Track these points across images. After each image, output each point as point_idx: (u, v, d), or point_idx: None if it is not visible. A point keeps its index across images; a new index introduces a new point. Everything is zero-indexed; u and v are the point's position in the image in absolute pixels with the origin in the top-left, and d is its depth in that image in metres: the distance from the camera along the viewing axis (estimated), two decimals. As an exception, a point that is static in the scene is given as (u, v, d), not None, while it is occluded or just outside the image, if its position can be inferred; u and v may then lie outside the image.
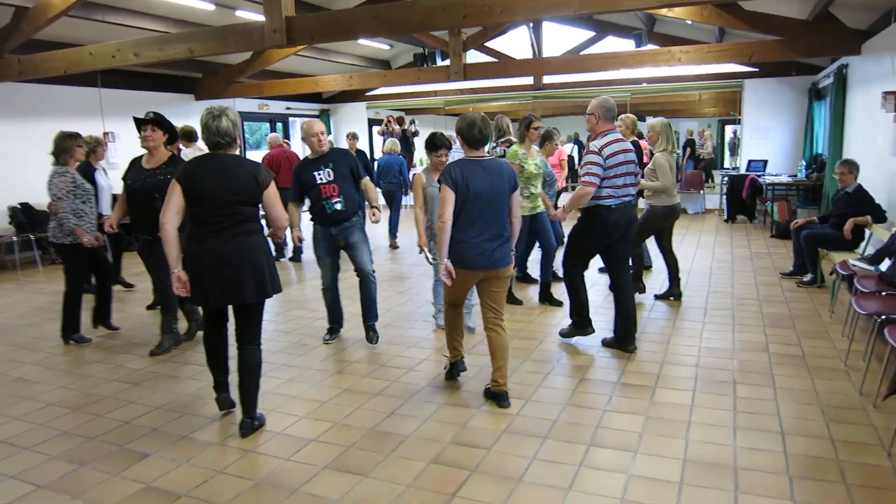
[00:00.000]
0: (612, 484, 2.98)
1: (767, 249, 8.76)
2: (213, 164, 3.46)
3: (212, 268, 3.40)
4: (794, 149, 12.04)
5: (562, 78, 12.81)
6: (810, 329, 5.19)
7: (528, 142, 5.98)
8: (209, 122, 3.44)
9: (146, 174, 4.84)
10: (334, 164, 4.86)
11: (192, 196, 3.41)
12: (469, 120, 3.80)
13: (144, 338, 5.46)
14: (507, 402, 3.87)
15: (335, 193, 4.83)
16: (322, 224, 4.94)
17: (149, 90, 11.33)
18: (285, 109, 14.65)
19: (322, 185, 4.82)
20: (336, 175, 4.84)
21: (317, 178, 4.83)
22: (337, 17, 5.94)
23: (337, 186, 4.84)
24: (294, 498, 2.96)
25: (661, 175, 5.78)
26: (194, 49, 6.47)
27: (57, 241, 5.25)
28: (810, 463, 3.12)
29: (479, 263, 3.77)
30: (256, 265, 3.46)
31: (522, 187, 5.76)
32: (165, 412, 3.98)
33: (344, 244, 5.00)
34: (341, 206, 4.85)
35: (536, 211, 6.02)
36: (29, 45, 7.89)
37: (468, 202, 3.71)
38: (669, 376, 4.28)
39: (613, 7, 4.98)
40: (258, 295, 3.50)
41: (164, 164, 4.88)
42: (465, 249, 3.74)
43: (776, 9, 8.43)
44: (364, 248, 5.05)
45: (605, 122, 4.63)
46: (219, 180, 3.40)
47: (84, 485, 3.16)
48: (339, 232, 4.94)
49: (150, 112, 4.88)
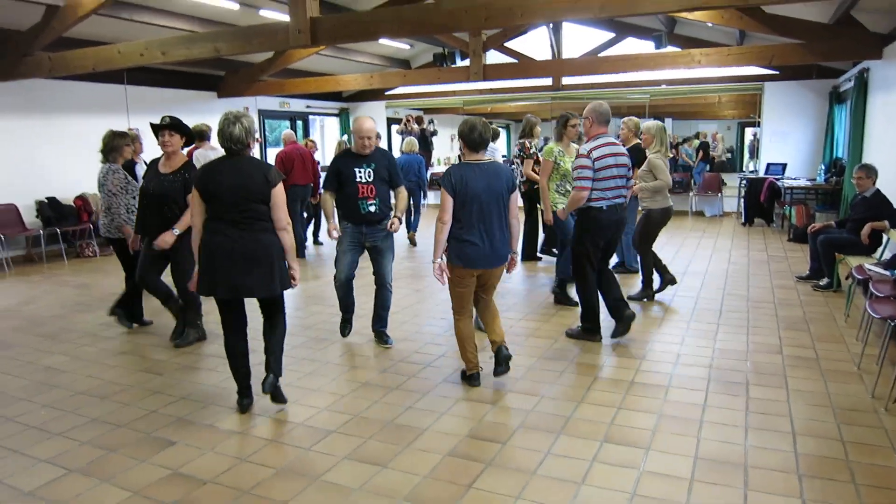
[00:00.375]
0: (624, 479, 3.06)
1: (784, 253, 8.76)
2: (227, 166, 3.67)
3: (223, 261, 3.60)
4: (814, 152, 11.99)
5: (580, 79, 12.86)
6: (825, 332, 5.22)
7: (565, 139, 6.13)
8: (225, 127, 3.64)
9: (161, 178, 4.89)
10: (376, 164, 4.77)
11: (208, 195, 3.63)
12: (470, 124, 4.02)
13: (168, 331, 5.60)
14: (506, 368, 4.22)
15: (371, 195, 4.76)
16: (353, 222, 4.84)
17: (172, 87, 11.51)
18: (305, 108, 14.81)
19: (360, 183, 4.73)
20: (375, 176, 4.76)
21: (357, 175, 4.73)
22: (360, 18, 6.05)
23: (374, 188, 4.76)
24: (315, 486, 3.07)
25: (661, 174, 5.91)
26: (220, 48, 6.61)
27: (111, 236, 5.53)
28: (820, 463, 3.18)
29: (479, 262, 4.01)
30: (265, 263, 3.64)
31: (558, 184, 6.08)
32: (190, 402, 4.10)
33: (370, 246, 4.92)
34: (375, 209, 4.78)
35: None
36: (57, 43, 8.07)
37: (468, 203, 3.93)
38: (683, 376, 4.34)
39: (633, 11, 5.03)
40: (265, 291, 3.69)
41: (180, 168, 4.91)
42: (467, 248, 3.97)
43: (797, 12, 8.42)
44: (389, 256, 4.99)
45: (599, 125, 4.85)
46: (232, 180, 3.60)
47: (113, 470, 3.29)
48: (369, 232, 4.85)
49: (166, 116, 4.90)
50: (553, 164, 6.01)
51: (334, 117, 15.91)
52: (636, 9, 4.98)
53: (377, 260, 4.97)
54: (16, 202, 9.08)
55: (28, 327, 5.90)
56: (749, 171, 13.29)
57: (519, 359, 4.72)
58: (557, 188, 6.10)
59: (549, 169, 6.04)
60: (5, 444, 3.59)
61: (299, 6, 5.93)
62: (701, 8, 5.09)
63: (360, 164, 4.75)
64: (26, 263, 9.15)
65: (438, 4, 5.61)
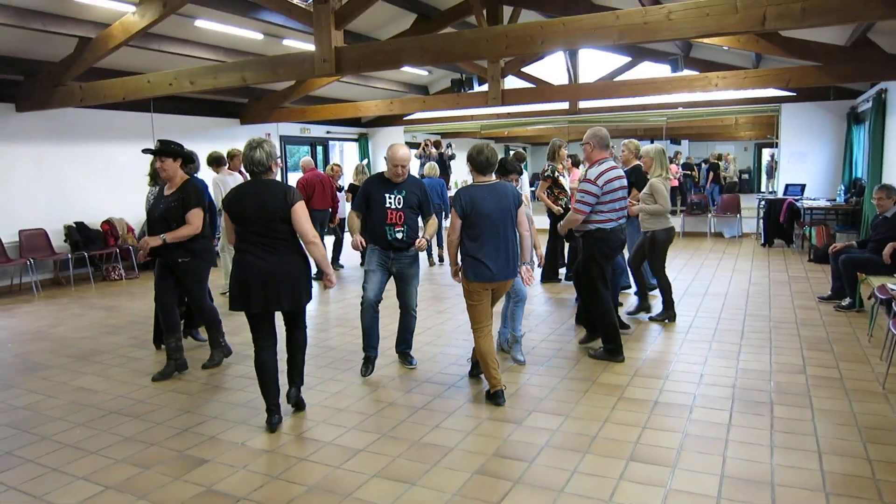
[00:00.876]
0: (651, 497, 3.09)
1: (805, 273, 8.74)
2: (251, 189, 3.96)
3: (254, 279, 3.86)
4: (833, 173, 11.98)
5: (597, 102, 12.98)
6: (848, 352, 5.22)
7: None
8: (247, 152, 3.94)
9: (163, 200, 4.94)
10: (407, 192, 4.75)
11: (235, 217, 3.93)
12: (478, 148, 4.31)
13: (197, 351, 5.70)
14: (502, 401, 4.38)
15: (399, 222, 4.72)
16: (379, 245, 4.81)
17: (197, 115, 11.79)
18: (325, 133, 15.06)
19: (389, 209, 4.70)
20: (405, 203, 4.73)
21: (386, 201, 4.71)
22: (384, 48, 6.20)
23: (403, 215, 4.72)
24: (347, 503, 3.13)
25: (661, 199, 6.04)
26: (247, 77, 6.79)
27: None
28: (847, 481, 3.19)
29: (495, 276, 4.27)
30: (292, 279, 3.92)
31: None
32: (220, 421, 4.19)
33: (396, 272, 4.89)
34: (402, 236, 4.74)
35: None
36: (88, 73, 8.34)
37: (479, 222, 4.23)
38: (706, 396, 4.36)
39: (651, 38, 5.12)
40: (292, 304, 3.99)
41: (177, 190, 4.91)
42: (481, 266, 4.24)
43: (814, 35, 8.49)
44: (414, 283, 4.97)
45: (600, 150, 5.06)
46: (255, 202, 3.88)
47: (149, 486, 3.37)
48: (396, 258, 4.83)
49: (158, 141, 4.95)
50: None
51: (353, 142, 16.14)
52: (654, 36, 5.07)
53: (402, 288, 4.96)
54: (45, 227, 9.32)
55: (59, 349, 6.03)
56: (769, 192, 13.29)
57: (543, 379, 4.79)
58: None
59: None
60: (43, 461, 3.69)
61: (324, 36, 6.10)
62: (718, 34, 5.17)
63: (392, 190, 4.73)
64: (54, 286, 9.35)
65: (460, 33, 5.75)
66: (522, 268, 4.53)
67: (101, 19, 7.73)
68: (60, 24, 7.54)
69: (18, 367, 5.50)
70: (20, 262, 8.87)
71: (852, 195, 10.40)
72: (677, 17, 4.93)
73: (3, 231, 8.89)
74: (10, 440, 4.00)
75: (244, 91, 11.93)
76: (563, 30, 5.31)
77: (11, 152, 9.07)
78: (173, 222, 4.84)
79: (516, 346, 5.22)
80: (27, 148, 9.24)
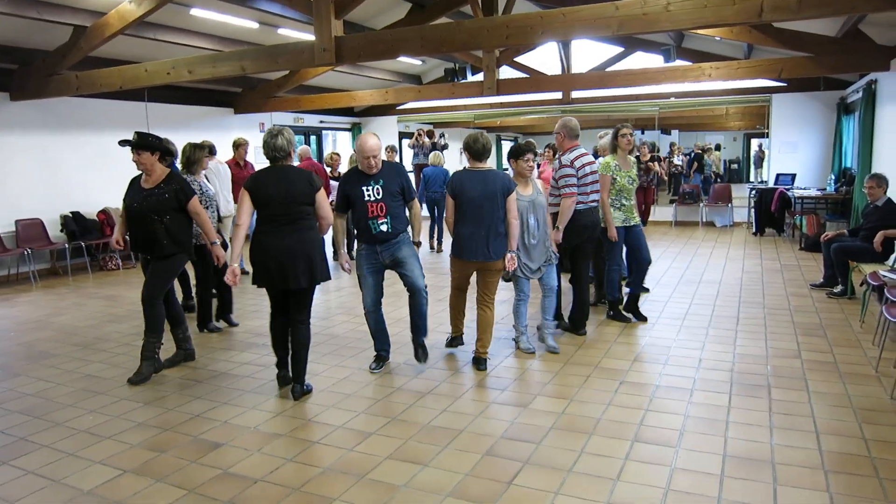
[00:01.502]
0: (656, 475, 3.20)
1: (797, 262, 8.90)
2: (275, 174, 4.21)
3: (275, 257, 4.14)
4: (823, 163, 12.15)
5: (589, 92, 13.06)
6: (841, 337, 5.36)
7: (620, 152, 5.83)
8: (269, 140, 4.20)
9: (144, 194, 4.74)
10: (385, 180, 4.54)
11: (259, 200, 4.18)
12: (474, 137, 4.71)
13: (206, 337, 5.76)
14: (483, 367, 4.83)
15: (382, 213, 4.52)
16: (367, 242, 4.63)
17: (190, 104, 11.77)
18: (319, 123, 15.06)
19: (370, 202, 4.50)
20: (384, 193, 4.53)
21: (364, 195, 4.52)
22: (384, 38, 6.24)
23: (385, 206, 4.52)
24: (362, 483, 3.22)
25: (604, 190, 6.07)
26: (246, 67, 6.82)
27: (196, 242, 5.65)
28: (844, 459, 3.31)
29: (472, 255, 4.66)
30: (310, 256, 4.19)
31: (614, 198, 5.79)
32: (232, 407, 4.26)
33: (391, 262, 4.66)
34: (387, 228, 4.54)
35: (630, 223, 5.87)
36: (83, 62, 8.31)
37: (464, 204, 4.62)
38: (706, 380, 4.48)
39: (650, 28, 5.20)
40: (309, 281, 4.22)
41: (161, 182, 4.76)
42: (462, 243, 4.69)
43: (805, 26, 8.61)
44: (415, 262, 4.72)
45: (570, 139, 5.39)
46: (281, 186, 4.14)
47: (165, 470, 3.44)
48: (384, 249, 4.60)
49: (136, 133, 4.75)
50: (610, 178, 5.73)
51: (347, 132, 16.15)
52: (653, 27, 5.16)
53: (405, 271, 4.70)
54: (41, 217, 9.30)
55: (63, 338, 6.07)
56: (758, 182, 13.44)
57: (546, 364, 4.90)
58: (613, 202, 5.82)
59: (608, 184, 5.73)
60: (58, 447, 3.75)
61: (324, 26, 6.14)
62: (715, 25, 5.26)
63: (368, 181, 4.53)
64: (51, 276, 9.34)
65: (460, 24, 5.81)
66: (507, 255, 4.72)
67: (97, 8, 7.71)
68: (56, 12, 7.52)
69: (24, 356, 5.54)
70: (17, 251, 8.86)
71: (842, 184, 10.56)
72: (676, 8, 5.02)
73: (0, 221, 8.87)
74: (24, 426, 4.06)
75: (238, 80, 11.91)
76: (563, 20, 5.39)
77: (6, 142, 9.03)
78: (166, 215, 4.72)
79: (523, 337, 5.24)
80: (22, 137, 9.20)
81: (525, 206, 4.91)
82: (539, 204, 5.02)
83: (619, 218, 5.83)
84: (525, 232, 4.95)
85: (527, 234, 4.95)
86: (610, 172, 5.74)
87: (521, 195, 4.92)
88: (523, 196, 4.93)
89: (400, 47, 6.12)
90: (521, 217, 4.87)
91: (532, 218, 4.96)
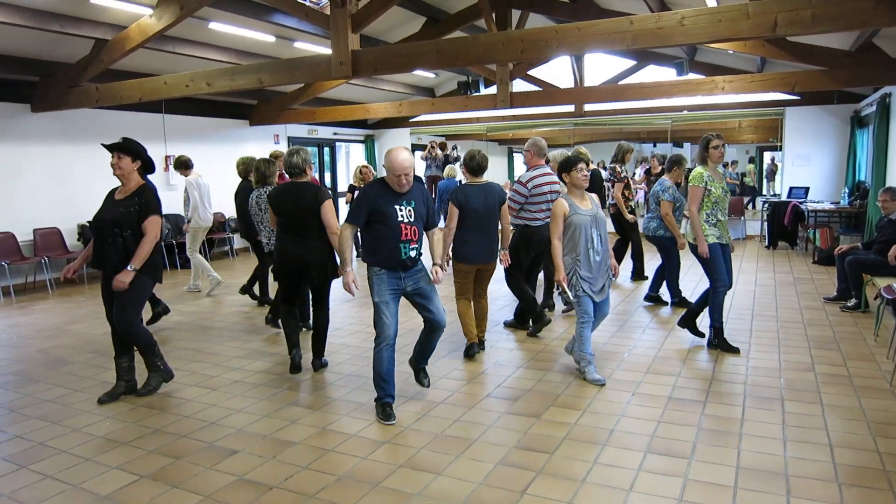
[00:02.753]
0: (670, 487, 3.21)
1: (810, 275, 8.86)
2: (290, 189, 4.97)
3: (291, 260, 4.91)
4: (836, 176, 12.12)
5: (602, 105, 13.11)
6: (855, 351, 5.34)
7: (711, 164, 5.43)
8: (287, 158, 4.98)
9: (113, 205, 4.46)
10: (416, 202, 4.12)
11: (278, 211, 4.95)
12: (471, 154, 5.34)
13: (220, 346, 5.82)
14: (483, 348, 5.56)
15: (415, 238, 4.10)
16: (388, 267, 4.10)
17: (207, 116, 11.91)
18: (332, 135, 15.19)
19: (403, 224, 4.03)
20: (416, 216, 4.11)
21: (397, 214, 4.03)
22: (400, 51, 6.32)
23: (416, 229, 4.11)
24: (376, 491, 3.24)
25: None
26: (264, 79, 6.92)
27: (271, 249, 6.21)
28: (859, 473, 3.31)
29: (477, 259, 5.31)
30: (321, 260, 4.91)
31: (709, 213, 5.33)
32: (246, 414, 4.30)
33: (412, 291, 4.22)
34: (415, 254, 4.14)
35: (724, 241, 5.39)
36: (104, 75, 8.45)
37: (469, 215, 5.19)
38: (719, 392, 4.48)
39: (664, 42, 5.24)
40: (321, 279, 4.99)
41: (131, 194, 4.45)
42: (468, 249, 5.26)
43: (819, 40, 8.62)
44: (437, 295, 4.32)
45: (538, 157, 5.97)
46: (293, 200, 4.89)
47: (182, 476, 3.48)
48: (408, 276, 4.16)
49: (122, 138, 4.56)
50: (704, 190, 5.31)
51: (360, 144, 16.27)
52: (667, 41, 5.20)
53: (427, 305, 4.27)
54: (59, 226, 9.45)
55: (80, 345, 6.15)
56: (771, 195, 13.41)
57: (558, 375, 4.91)
58: (707, 218, 5.35)
59: (699, 196, 5.31)
60: (76, 452, 3.81)
61: (341, 40, 6.23)
62: (729, 39, 5.29)
63: (400, 200, 4.06)
64: (68, 285, 9.45)
65: (476, 38, 5.88)
66: (501, 253, 5.47)
67: (118, 21, 7.86)
68: (78, 25, 7.66)
69: (41, 363, 5.62)
70: (35, 260, 8.99)
71: (856, 198, 10.52)
72: (690, 22, 5.06)
73: (19, 230, 9.01)
74: (42, 431, 4.12)
75: (254, 93, 12.04)
76: (578, 34, 5.44)
77: (27, 152, 9.19)
78: (127, 229, 4.38)
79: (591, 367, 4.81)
80: (42, 148, 9.36)
81: (587, 221, 4.65)
82: (600, 218, 4.76)
83: (714, 234, 5.31)
84: (589, 248, 4.65)
85: (591, 249, 4.65)
86: (702, 184, 5.30)
87: (580, 209, 4.67)
88: (583, 210, 4.68)
89: (416, 61, 6.20)
90: (584, 232, 4.63)
91: (595, 232, 4.68)
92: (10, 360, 5.76)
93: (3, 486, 3.42)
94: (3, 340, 6.44)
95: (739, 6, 4.88)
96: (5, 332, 6.76)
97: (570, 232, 4.67)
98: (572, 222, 4.65)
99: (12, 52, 8.28)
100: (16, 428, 4.19)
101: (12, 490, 3.37)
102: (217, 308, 7.74)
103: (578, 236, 4.64)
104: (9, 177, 9.02)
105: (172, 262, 10.78)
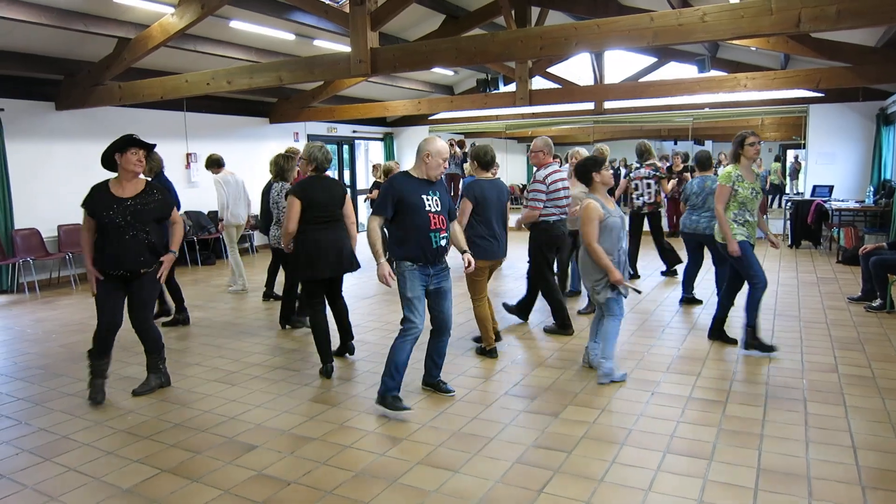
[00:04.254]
0: (689, 487, 3.18)
1: (834, 275, 8.73)
2: (319, 183, 5.07)
3: (318, 250, 4.91)
4: (861, 174, 11.92)
5: (622, 103, 13.01)
6: (880, 352, 5.25)
7: (744, 161, 5.24)
8: (317, 153, 5.08)
9: (123, 206, 4.39)
10: (440, 192, 4.20)
11: (307, 203, 4.90)
12: (483, 150, 5.36)
13: (241, 342, 5.86)
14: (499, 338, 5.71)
15: (443, 226, 4.12)
16: (421, 260, 4.09)
17: (227, 114, 12.01)
18: (352, 132, 15.24)
19: (431, 213, 4.06)
20: (441, 206, 4.16)
21: (426, 203, 4.06)
22: (419, 49, 6.31)
23: (444, 218, 4.15)
24: (394, 488, 3.25)
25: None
26: (283, 77, 6.95)
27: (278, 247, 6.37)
28: (883, 476, 3.26)
29: (495, 255, 5.33)
30: (345, 250, 5.03)
31: (736, 213, 5.20)
32: (265, 410, 4.33)
33: (434, 289, 4.21)
34: (445, 243, 4.17)
35: (751, 241, 5.27)
36: (126, 73, 8.55)
37: (485, 210, 5.21)
38: (740, 392, 4.43)
39: (685, 39, 5.18)
40: (346, 269, 5.07)
41: (142, 192, 4.50)
42: (487, 245, 5.25)
43: (844, 36, 8.49)
44: (450, 297, 4.35)
45: (548, 156, 6.03)
46: (324, 193, 5.00)
47: (201, 470, 3.52)
48: (436, 273, 4.18)
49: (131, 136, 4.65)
50: (731, 189, 5.17)
51: (379, 141, 16.30)
52: (689, 37, 5.14)
53: (442, 305, 4.27)
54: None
55: (103, 341, 6.21)
56: (794, 194, 13.22)
57: (577, 374, 4.89)
58: (735, 217, 5.21)
59: (726, 195, 5.19)
60: (99, 445, 3.86)
61: (360, 37, 6.24)
62: (752, 35, 5.22)
63: (427, 189, 4.11)
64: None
65: (495, 35, 5.85)
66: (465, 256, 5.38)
67: (140, 20, 7.93)
68: (102, 25, 7.74)
69: (66, 357, 5.70)
70: (59, 255, 9.13)
71: (881, 196, 10.34)
72: (712, 18, 5.00)
73: (43, 226, 9.14)
74: (66, 425, 4.18)
75: (274, 91, 12.12)
76: (598, 31, 5.39)
77: (51, 150, 9.33)
78: (149, 224, 4.43)
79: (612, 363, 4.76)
80: (66, 145, 9.49)
81: (619, 223, 4.68)
82: (623, 218, 4.87)
83: (742, 233, 5.18)
84: (619, 249, 4.68)
85: (620, 250, 4.70)
86: (729, 183, 5.15)
87: (611, 211, 4.64)
88: (613, 211, 4.65)
89: (435, 58, 6.18)
90: (616, 234, 4.64)
91: (623, 233, 4.76)
92: (36, 354, 5.84)
93: (28, 477, 3.48)
94: (29, 335, 6.54)
95: (762, 2, 4.80)
96: (31, 328, 6.87)
97: (604, 235, 4.60)
98: (607, 225, 4.60)
99: (37, 51, 8.40)
100: (41, 421, 4.26)
101: (36, 482, 3.42)
102: (240, 304, 7.80)
103: (613, 238, 4.62)
104: (34, 174, 9.16)
105: (193, 258, 10.89)
